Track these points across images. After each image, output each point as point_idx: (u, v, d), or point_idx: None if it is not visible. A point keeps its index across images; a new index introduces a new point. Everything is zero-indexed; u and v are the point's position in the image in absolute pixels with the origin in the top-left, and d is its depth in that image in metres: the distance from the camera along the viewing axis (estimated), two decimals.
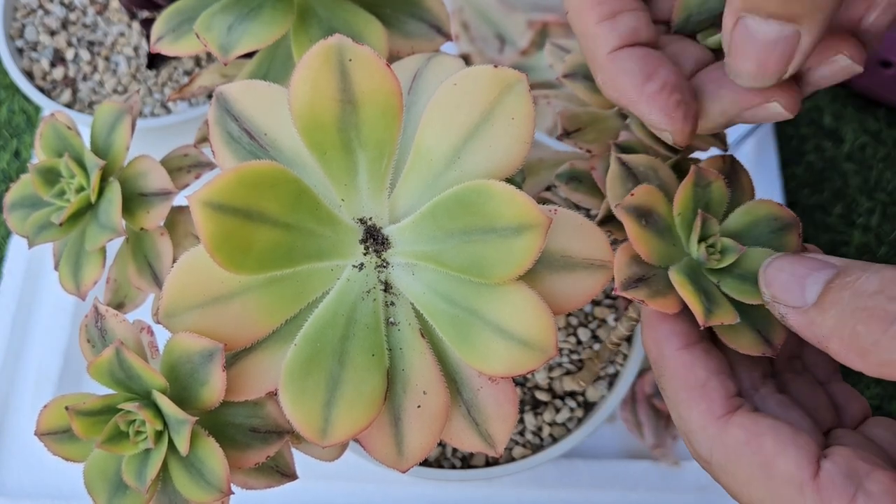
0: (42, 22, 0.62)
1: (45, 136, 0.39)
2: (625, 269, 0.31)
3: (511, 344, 0.28)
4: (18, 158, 0.71)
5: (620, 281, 0.30)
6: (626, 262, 0.31)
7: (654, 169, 0.33)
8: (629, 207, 0.30)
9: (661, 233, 0.31)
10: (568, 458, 0.56)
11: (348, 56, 0.28)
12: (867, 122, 0.73)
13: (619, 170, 0.32)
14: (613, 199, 0.32)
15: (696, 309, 0.29)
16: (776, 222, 0.32)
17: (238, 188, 0.27)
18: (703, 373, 0.30)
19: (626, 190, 0.32)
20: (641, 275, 0.31)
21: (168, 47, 0.37)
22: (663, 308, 0.30)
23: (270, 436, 0.31)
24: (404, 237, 0.29)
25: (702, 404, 0.30)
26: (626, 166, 0.32)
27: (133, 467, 0.29)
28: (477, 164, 0.29)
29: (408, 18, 0.40)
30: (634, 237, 0.30)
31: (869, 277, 0.25)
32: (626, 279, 0.30)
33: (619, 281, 0.30)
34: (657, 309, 0.30)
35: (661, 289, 0.31)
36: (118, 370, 0.29)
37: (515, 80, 0.29)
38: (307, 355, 0.28)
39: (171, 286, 0.28)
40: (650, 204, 0.31)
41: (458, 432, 0.30)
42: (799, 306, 0.27)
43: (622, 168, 0.32)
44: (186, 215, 0.41)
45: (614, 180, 0.32)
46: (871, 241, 0.68)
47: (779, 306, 0.28)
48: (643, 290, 0.30)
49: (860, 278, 0.26)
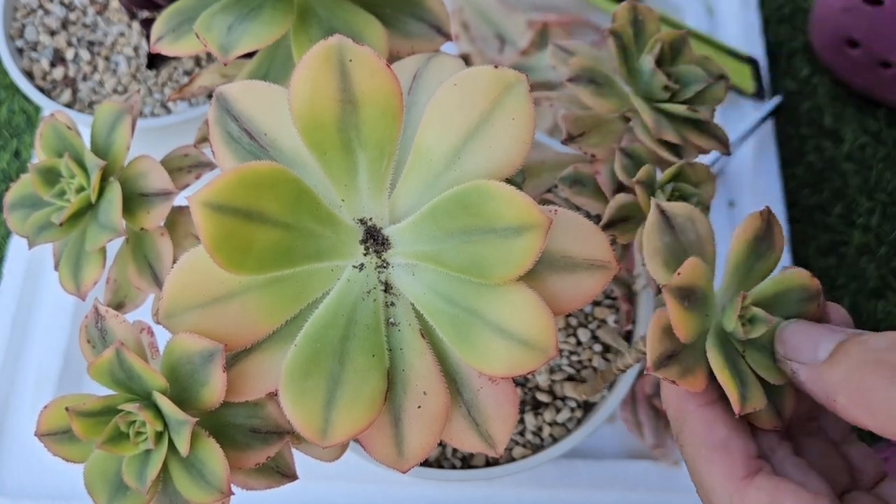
0: (42, 22, 0.62)
1: (45, 136, 0.39)
2: (658, 345, 0.30)
3: (511, 344, 0.28)
4: (18, 158, 0.71)
5: (654, 359, 0.29)
6: (659, 337, 0.30)
7: (692, 220, 0.31)
8: (675, 289, 0.29)
9: (698, 308, 0.30)
10: (568, 458, 0.56)
11: (348, 56, 0.28)
12: (867, 122, 0.73)
13: (658, 220, 0.31)
14: (650, 250, 0.31)
15: (732, 395, 0.29)
16: (804, 292, 0.31)
17: (238, 189, 0.27)
18: (724, 431, 0.30)
19: (664, 243, 0.31)
20: (673, 350, 0.30)
21: (168, 47, 0.37)
22: (691, 387, 0.30)
23: (271, 436, 0.31)
24: (404, 237, 0.29)
25: (723, 462, 0.29)
26: (664, 215, 0.31)
27: (133, 468, 0.29)
28: (477, 165, 0.29)
29: (408, 18, 0.40)
30: (677, 320, 0.29)
31: (879, 337, 0.26)
32: (659, 356, 0.30)
33: (653, 359, 0.29)
34: (685, 388, 0.30)
35: (691, 365, 0.30)
36: (118, 371, 0.29)
37: (516, 81, 0.29)
38: (307, 356, 0.28)
39: (171, 286, 0.28)
40: (694, 282, 0.30)
41: (458, 432, 0.30)
42: (810, 362, 0.28)
43: (661, 217, 0.31)
44: (187, 215, 0.41)
45: (652, 231, 0.31)
46: (871, 241, 0.68)
47: (790, 363, 0.29)
48: (674, 368, 0.30)
49: (871, 338, 0.26)
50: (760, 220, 0.31)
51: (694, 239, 0.31)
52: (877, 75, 0.71)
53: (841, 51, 0.72)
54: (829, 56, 0.74)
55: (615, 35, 0.40)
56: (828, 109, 0.74)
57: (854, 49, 0.71)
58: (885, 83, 0.71)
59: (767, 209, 0.31)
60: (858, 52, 0.70)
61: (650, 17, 0.42)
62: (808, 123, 0.73)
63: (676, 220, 0.31)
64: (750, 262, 0.31)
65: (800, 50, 0.77)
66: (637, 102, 0.40)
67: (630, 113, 0.42)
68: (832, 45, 0.72)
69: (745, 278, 0.31)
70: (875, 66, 0.70)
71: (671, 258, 0.31)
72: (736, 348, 0.31)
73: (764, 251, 0.31)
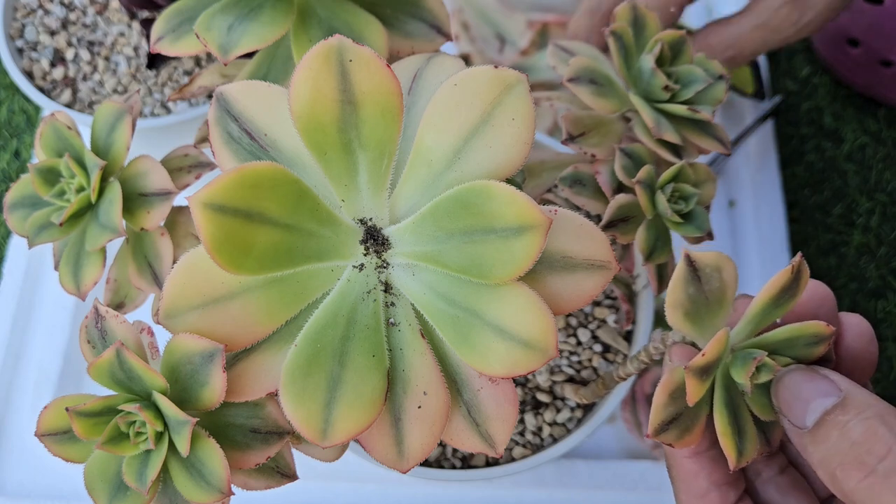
0: (42, 22, 0.62)
1: (45, 135, 0.39)
2: (662, 410, 0.29)
3: (511, 344, 0.28)
4: (18, 158, 0.71)
5: (656, 425, 0.29)
6: (665, 403, 0.29)
7: (718, 270, 0.30)
8: (697, 369, 0.29)
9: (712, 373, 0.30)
10: (568, 458, 0.56)
11: (348, 56, 0.28)
12: (867, 122, 0.73)
13: (686, 272, 0.30)
14: (673, 301, 0.30)
15: (730, 456, 0.29)
16: (815, 338, 0.31)
17: (238, 189, 0.27)
18: (705, 484, 0.32)
19: (688, 294, 0.30)
20: (676, 414, 0.30)
21: (168, 47, 0.37)
22: (686, 445, 0.30)
23: (271, 436, 0.31)
24: (404, 238, 0.29)
25: None
26: (692, 266, 0.30)
27: (133, 468, 0.29)
28: (477, 165, 0.29)
29: (408, 18, 0.40)
30: (693, 393, 0.29)
31: (856, 425, 0.27)
32: (661, 422, 0.29)
33: (655, 425, 0.29)
34: (681, 447, 0.30)
35: (690, 426, 0.30)
36: (119, 371, 0.29)
37: (516, 81, 0.29)
38: (307, 356, 0.28)
39: (171, 287, 0.28)
40: (716, 359, 0.30)
41: (458, 433, 0.30)
42: (798, 427, 0.29)
43: (689, 269, 0.30)
44: (187, 215, 0.41)
45: (679, 282, 0.30)
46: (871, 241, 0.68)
47: (783, 418, 0.30)
48: (673, 432, 0.30)
49: (850, 422, 0.28)
50: (790, 275, 0.30)
51: (717, 287, 0.31)
52: (877, 74, 0.71)
53: (841, 49, 0.72)
54: (830, 55, 0.74)
55: (615, 35, 0.40)
56: (828, 109, 0.74)
57: (854, 48, 0.71)
58: (886, 82, 0.71)
59: (801, 258, 0.30)
60: (859, 51, 0.70)
61: (650, 17, 0.42)
62: (808, 123, 0.73)
63: (704, 270, 0.30)
64: (768, 310, 0.30)
65: (800, 50, 0.77)
66: (637, 102, 0.40)
67: (630, 113, 0.42)
68: (833, 44, 0.72)
69: (759, 324, 0.31)
70: (875, 65, 0.70)
71: (692, 309, 0.30)
72: (737, 390, 0.31)
73: (785, 301, 0.30)
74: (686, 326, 0.30)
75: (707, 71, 0.41)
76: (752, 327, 0.31)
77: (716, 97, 0.41)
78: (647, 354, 0.34)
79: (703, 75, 0.40)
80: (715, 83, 0.41)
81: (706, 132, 0.41)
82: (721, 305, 0.31)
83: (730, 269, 0.31)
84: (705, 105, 0.41)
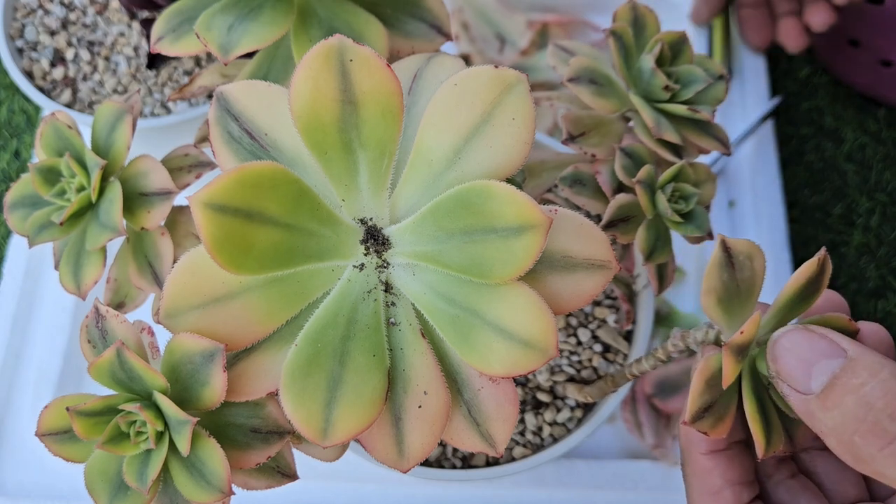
0: (42, 22, 0.62)
1: (45, 135, 0.39)
2: (698, 398, 0.29)
3: (511, 344, 0.28)
4: (18, 158, 0.71)
5: (693, 412, 0.29)
6: (701, 391, 0.29)
7: (750, 258, 0.31)
8: (735, 347, 0.29)
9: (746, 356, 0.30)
10: (568, 458, 0.56)
11: (349, 56, 0.28)
12: (867, 122, 0.73)
13: (722, 257, 0.30)
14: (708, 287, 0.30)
15: (759, 444, 0.29)
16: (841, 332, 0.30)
17: (239, 189, 0.27)
18: (719, 482, 0.32)
19: (722, 281, 0.30)
20: (711, 402, 0.30)
21: (168, 47, 0.37)
22: (720, 435, 0.30)
23: (271, 436, 0.31)
24: (405, 237, 0.29)
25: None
26: (728, 253, 0.30)
27: (134, 468, 0.29)
28: (477, 165, 0.29)
29: (408, 18, 0.40)
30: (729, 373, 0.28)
31: (874, 387, 0.26)
32: (698, 410, 0.29)
33: (693, 412, 0.29)
34: (714, 437, 0.30)
35: (722, 414, 0.30)
36: (119, 371, 0.29)
37: (516, 81, 0.29)
38: (308, 355, 0.28)
39: (171, 286, 0.28)
40: (752, 338, 0.29)
41: (458, 432, 0.30)
42: (802, 392, 0.27)
43: (725, 255, 0.30)
44: (187, 215, 0.41)
45: (715, 268, 0.30)
46: (871, 241, 0.68)
47: (782, 384, 0.28)
48: (708, 420, 0.29)
49: (866, 385, 0.26)
50: (816, 267, 0.30)
51: (749, 276, 0.31)
52: (877, 74, 0.71)
53: (842, 49, 0.72)
54: (830, 55, 0.74)
55: (615, 35, 0.40)
56: (828, 109, 0.74)
57: (854, 48, 0.71)
58: (886, 82, 0.71)
59: (825, 253, 0.30)
60: (859, 51, 0.70)
61: (650, 17, 0.42)
62: (808, 123, 0.73)
63: (738, 257, 0.31)
64: (794, 303, 0.30)
65: None
66: (637, 102, 0.40)
67: (630, 113, 0.42)
68: (833, 44, 0.72)
69: (785, 317, 0.31)
70: (875, 65, 0.70)
71: (725, 296, 0.30)
72: (763, 384, 0.31)
73: (810, 293, 0.30)
74: (717, 313, 0.30)
75: (707, 71, 0.41)
76: (777, 320, 0.31)
77: (716, 97, 0.41)
78: (665, 352, 0.34)
79: (703, 75, 0.40)
80: (715, 83, 0.41)
81: (706, 132, 0.41)
82: (750, 295, 0.31)
83: (760, 259, 0.31)
84: (705, 105, 0.41)
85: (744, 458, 0.33)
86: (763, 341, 0.30)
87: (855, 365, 0.27)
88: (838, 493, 0.32)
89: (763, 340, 0.30)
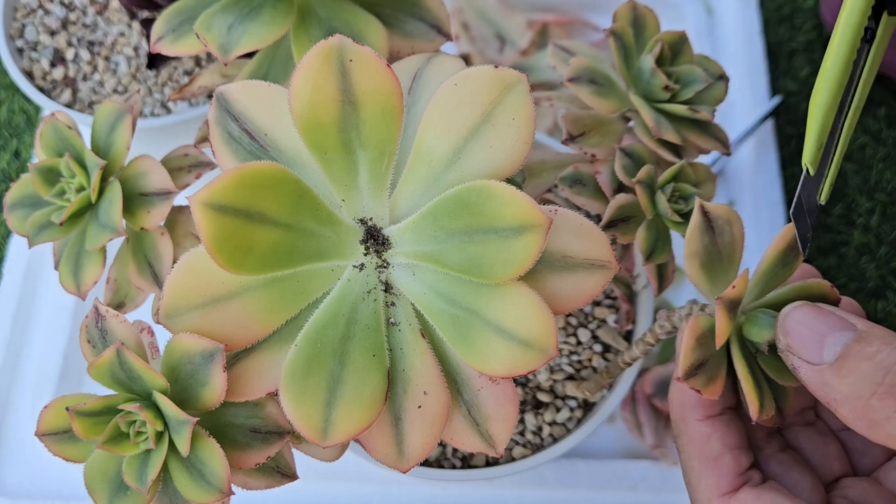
0: (42, 22, 0.62)
1: (45, 135, 0.39)
2: (691, 354, 0.29)
3: (511, 344, 0.28)
4: (18, 158, 0.71)
5: (685, 368, 0.29)
6: (693, 347, 0.30)
7: (730, 223, 0.32)
8: (728, 301, 0.29)
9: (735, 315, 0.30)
10: (568, 458, 0.56)
11: (349, 56, 0.28)
12: (867, 122, 0.73)
13: (701, 221, 0.31)
14: (690, 251, 0.31)
15: (753, 405, 0.29)
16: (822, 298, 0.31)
17: (238, 189, 0.27)
18: (718, 447, 0.31)
19: (703, 245, 0.31)
20: (703, 359, 0.30)
21: (168, 47, 0.37)
22: (712, 395, 0.30)
23: (271, 436, 0.31)
24: (405, 237, 0.29)
25: (711, 478, 0.31)
26: (707, 217, 0.31)
27: (134, 468, 0.29)
28: (477, 165, 0.29)
29: (408, 18, 0.40)
30: (722, 330, 0.29)
31: (889, 354, 0.26)
32: (691, 366, 0.29)
33: (685, 368, 0.29)
34: (708, 397, 0.30)
35: (714, 374, 0.30)
36: (119, 371, 0.29)
37: (516, 81, 0.29)
38: (308, 356, 0.28)
39: (171, 286, 0.28)
40: (742, 294, 0.30)
41: (458, 432, 0.30)
42: (814, 363, 0.28)
43: (704, 219, 0.31)
44: (187, 215, 0.41)
45: (695, 232, 0.31)
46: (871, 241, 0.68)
47: (793, 357, 0.28)
48: (701, 377, 0.30)
49: (882, 352, 0.26)
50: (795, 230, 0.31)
51: (729, 241, 0.32)
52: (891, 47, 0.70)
53: None
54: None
55: (615, 35, 0.40)
56: None
57: None
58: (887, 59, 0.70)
59: None
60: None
61: (650, 17, 0.42)
62: None
63: (717, 222, 0.31)
64: (776, 269, 0.31)
65: (800, 50, 0.77)
66: (637, 102, 0.40)
67: (630, 113, 0.42)
68: None
69: (768, 283, 0.31)
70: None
71: (707, 260, 0.31)
72: (751, 351, 0.31)
73: (791, 259, 0.31)
74: (701, 277, 0.31)
75: (707, 71, 0.41)
76: (761, 287, 0.31)
77: (716, 97, 0.41)
78: (654, 335, 0.35)
79: (703, 75, 0.40)
80: (715, 83, 0.41)
81: (706, 132, 0.41)
82: (732, 260, 0.31)
83: (738, 224, 0.32)
84: (705, 105, 0.41)
85: (738, 424, 0.33)
86: (749, 310, 0.31)
87: (868, 335, 0.27)
88: (823, 468, 0.33)
89: (749, 309, 0.31)
